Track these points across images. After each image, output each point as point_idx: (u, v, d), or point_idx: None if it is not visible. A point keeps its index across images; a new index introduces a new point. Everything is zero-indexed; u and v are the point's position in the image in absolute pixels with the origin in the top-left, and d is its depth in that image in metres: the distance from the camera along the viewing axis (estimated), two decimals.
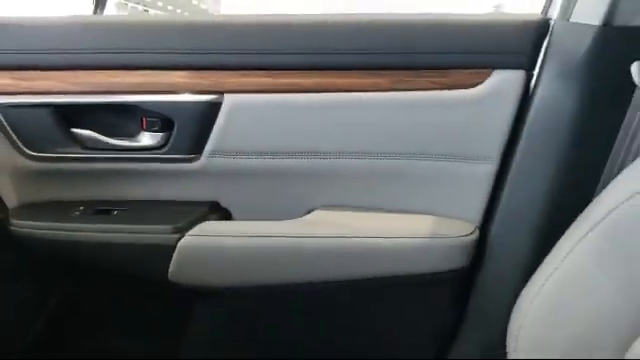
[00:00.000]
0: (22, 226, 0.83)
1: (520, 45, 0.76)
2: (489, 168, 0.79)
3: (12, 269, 0.87)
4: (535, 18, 0.77)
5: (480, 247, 0.81)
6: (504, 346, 0.62)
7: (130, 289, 0.88)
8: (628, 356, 0.50)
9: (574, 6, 0.73)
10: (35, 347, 0.91)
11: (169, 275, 0.80)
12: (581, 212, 0.59)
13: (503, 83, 0.77)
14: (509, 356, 0.61)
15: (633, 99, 0.66)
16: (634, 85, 0.64)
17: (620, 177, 0.57)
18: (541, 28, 0.76)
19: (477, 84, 0.77)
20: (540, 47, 0.77)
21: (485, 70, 0.77)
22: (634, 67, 0.64)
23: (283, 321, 0.88)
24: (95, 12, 1.14)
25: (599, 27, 0.67)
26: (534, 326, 0.58)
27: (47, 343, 0.92)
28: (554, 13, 0.77)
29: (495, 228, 0.80)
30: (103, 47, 0.80)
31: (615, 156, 0.69)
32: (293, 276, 0.81)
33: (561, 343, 0.55)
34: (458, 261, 0.79)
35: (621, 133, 0.68)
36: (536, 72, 0.78)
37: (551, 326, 0.57)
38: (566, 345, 0.55)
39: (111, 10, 1.26)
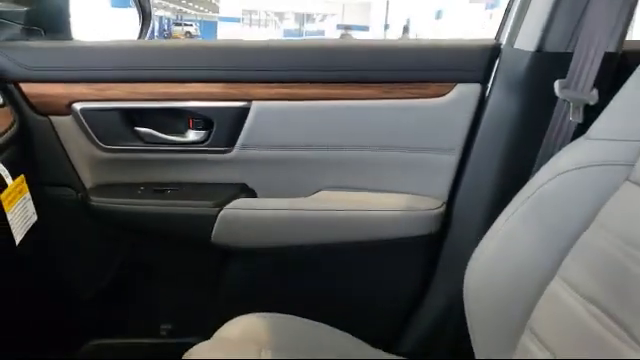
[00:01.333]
0: (97, 201, 1.00)
1: (477, 65, 0.94)
2: (453, 158, 0.97)
3: (89, 234, 1.06)
4: (489, 43, 0.95)
5: (446, 218, 0.99)
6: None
7: (180, 251, 1.07)
8: (545, 295, 0.64)
9: (517, 35, 0.88)
10: (101, 295, 1.10)
11: (211, 238, 0.99)
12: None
13: (464, 94, 0.94)
14: (465, 298, 0.73)
15: (556, 107, 0.81)
16: (556, 97, 0.80)
17: (546, 165, 0.69)
18: (493, 52, 0.94)
19: (444, 94, 0.94)
20: (492, 66, 0.94)
21: (450, 83, 0.94)
22: (556, 84, 0.79)
23: (296, 275, 1.06)
24: (141, 28, 1.34)
25: (533, 52, 0.83)
26: (480, 277, 0.70)
27: (111, 293, 1.11)
28: (504, 40, 0.94)
29: (457, 204, 0.99)
30: (158, 65, 0.98)
31: (544, 149, 0.81)
32: (304, 239, 1.00)
33: (497, 286, 0.68)
34: (428, 228, 0.98)
35: (548, 132, 0.81)
36: (489, 85, 0.94)
37: (491, 275, 0.69)
38: (500, 288, 0.67)
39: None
